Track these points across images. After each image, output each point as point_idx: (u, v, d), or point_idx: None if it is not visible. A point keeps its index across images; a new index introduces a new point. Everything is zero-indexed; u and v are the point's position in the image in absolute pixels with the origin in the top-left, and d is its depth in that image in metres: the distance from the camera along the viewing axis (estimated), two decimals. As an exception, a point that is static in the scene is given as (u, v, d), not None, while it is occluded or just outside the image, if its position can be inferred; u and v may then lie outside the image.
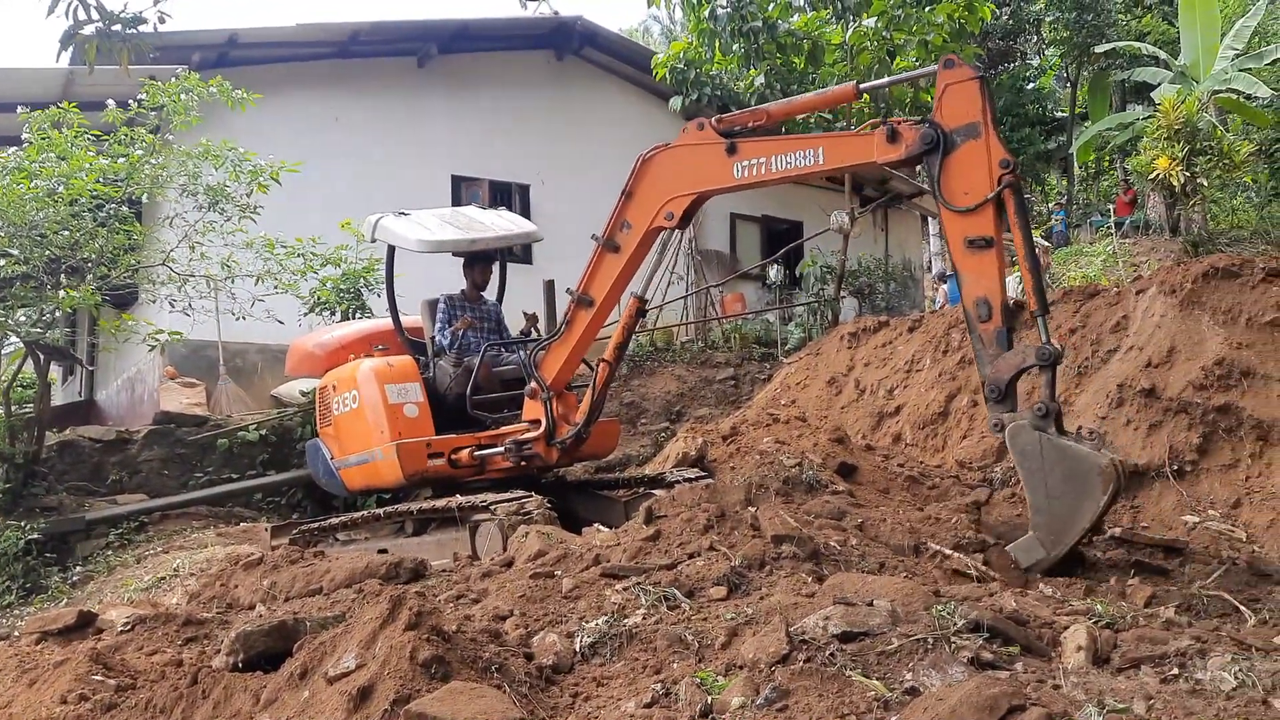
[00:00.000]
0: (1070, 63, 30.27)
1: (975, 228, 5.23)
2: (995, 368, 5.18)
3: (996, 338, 5.20)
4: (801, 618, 3.22)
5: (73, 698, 3.43)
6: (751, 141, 6.21)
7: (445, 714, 2.58)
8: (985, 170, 5.22)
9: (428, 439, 7.58)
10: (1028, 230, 5.27)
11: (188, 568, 8.30)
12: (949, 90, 5.33)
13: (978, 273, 5.26)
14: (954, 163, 5.32)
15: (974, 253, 5.24)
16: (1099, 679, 2.84)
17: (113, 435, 11.80)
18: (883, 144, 5.55)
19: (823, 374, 11.18)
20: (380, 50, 15.76)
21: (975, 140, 5.25)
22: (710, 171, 6.33)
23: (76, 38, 5.34)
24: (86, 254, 10.21)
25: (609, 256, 6.89)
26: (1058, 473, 4.89)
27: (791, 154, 6.00)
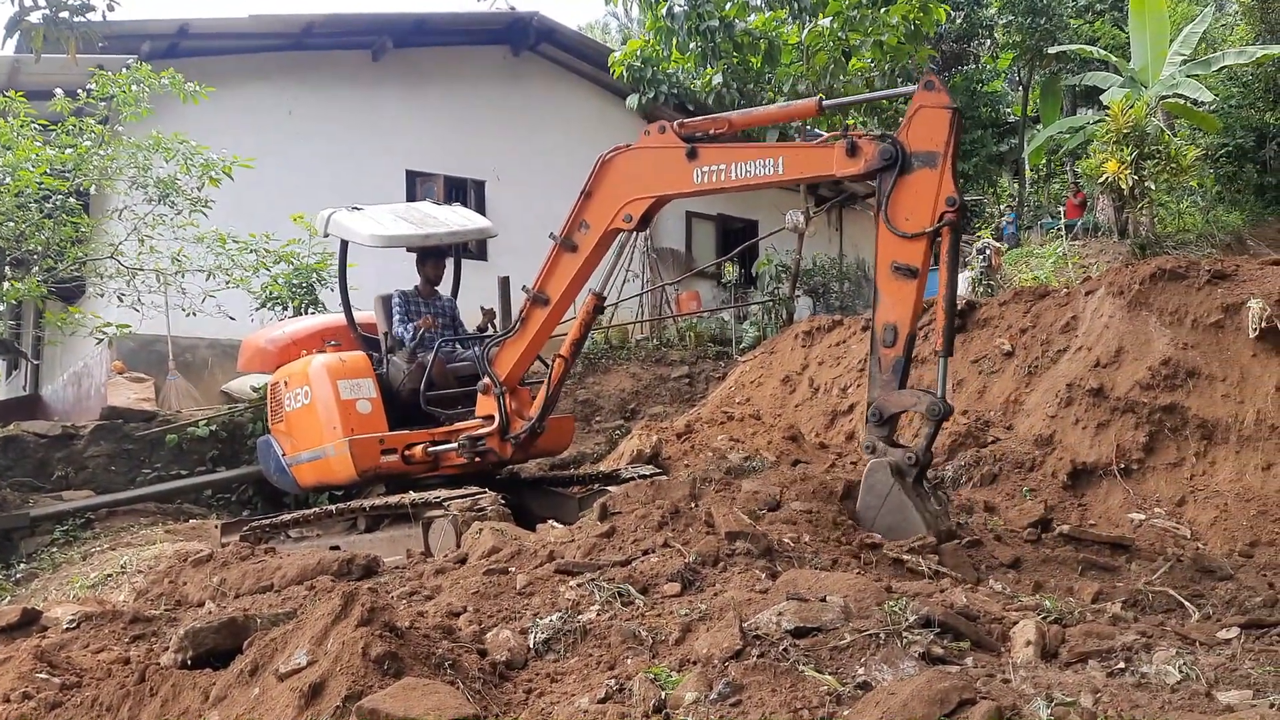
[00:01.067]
0: (1022, 66, 30.68)
1: (906, 254, 5.30)
2: (884, 397, 5.30)
3: (894, 366, 5.31)
4: (755, 614, 3.24)
5: (16, 696, 3.36)
6: (712, 148, 6.24)
7: (398, 710, 2.57)
8: (931, 202, 5.25)
9: (381, 435, 7.52)
10: (954, 272, 5.32)
11: (135, 565, 8.15)
12: (921, 113, 5.36)
13: (895, 299, 5.35)
14: (905, 186, 5.35)
15: (897, 279, 5.31)
16: (1047, 673, 2.89)
17: (58, 430, 11.56)
18: (842, 158, 5.58)
19: (777, 372, 11.24)
20: (335, 43, 15.61)
21: (931, 170, 5.28)
22: (670, 176, 6.35)
23: (22, 25, 5.23)
24: (32, 246, 10.01)
25: (566, 256, 6.88)
26: (888, 520, 5.14)
27: (751, 163, 6.04)
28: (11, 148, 9.81)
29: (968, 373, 8.87)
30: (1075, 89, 28.45)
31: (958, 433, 8.01)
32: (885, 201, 5.37)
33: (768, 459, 7.64)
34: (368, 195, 14.20)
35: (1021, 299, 9.30)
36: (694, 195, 6.61)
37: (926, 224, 5.22)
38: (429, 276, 8.40)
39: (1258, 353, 7.28)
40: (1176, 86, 21.60)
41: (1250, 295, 7.47)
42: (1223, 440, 7.07)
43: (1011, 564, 5.20)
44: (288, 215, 12.06)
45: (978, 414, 8.31)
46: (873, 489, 5.21)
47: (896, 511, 5.12)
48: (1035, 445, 7.64)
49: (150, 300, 11.24)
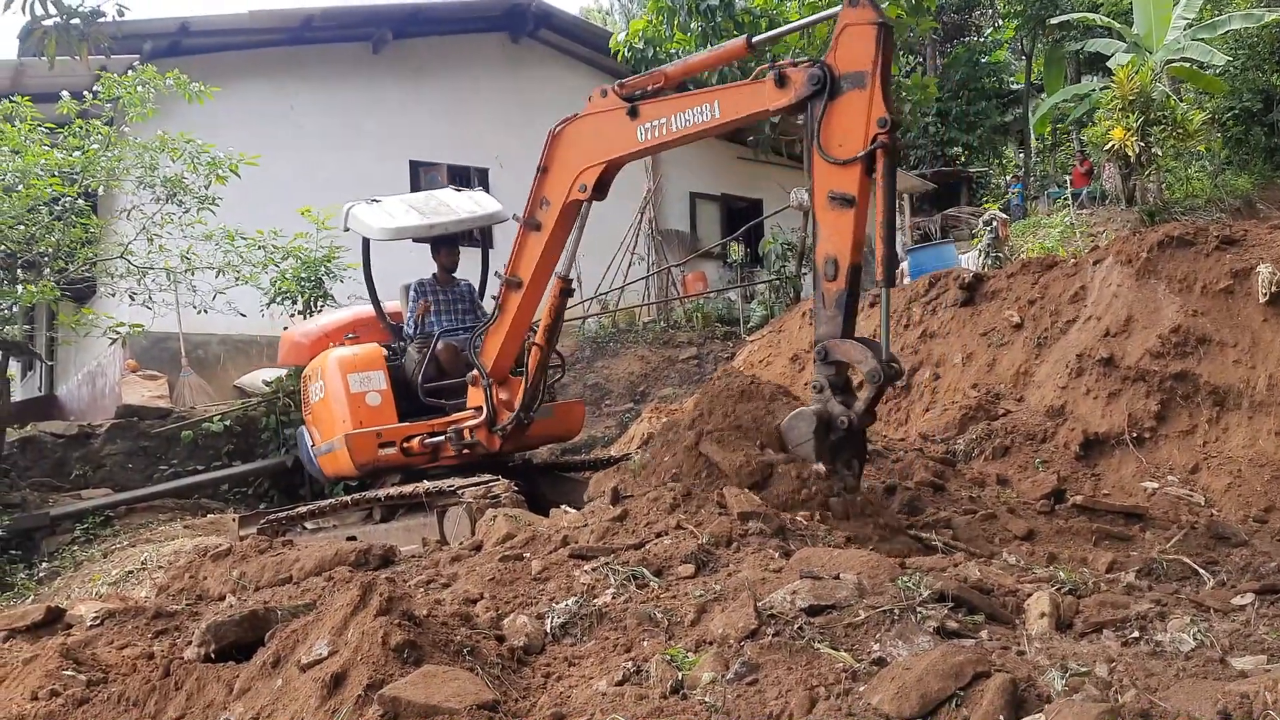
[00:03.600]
0: (1025, 35, 30.46)
1: (841, 182, 5.04)
2: (831, 341, 5.04)
3: (837, 301, 5.07)
4: (769, 593, 3.26)
5: (44, 694, 3.41)
6: (652, 103, 6.08)
7: (419, 698, 2.60)
8: (863, 125, 4.98)
9: (378, 429, 7.59)
10: (892, 198, 5.07)
11: (155, 561, 8.24)
12: (847, 31, 5.10)
13: (833, 229, 5.11)
14: (835, 110, 5.08)
15: (834, 209, 5.07)
16: (1062, 644, 2.90)
17: (75, 430, 11.66)
18: (772, 90, 5.36)
19: (786, 351, 11.25)
20: (334, 36, 15.60)
21: (860, 90, 5.00)
22: (616, 138, 6.24)
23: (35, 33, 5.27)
24: (43, 248, 10.06)
25: (532, 235, 6.83)
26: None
27: (689, 111, 5.86)
28: (20, 152, 9.84)
29: (977, 345, 8.87)
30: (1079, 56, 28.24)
31: (968, 406, 8.02)
32: (817, 129, 5.12)
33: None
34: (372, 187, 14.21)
35: (1029, 270, 9.28)
36: (642, 154, 6.44)
37: (859, 148, 4.95)
38: (443, 264, 8.41)
39: (1268, 318, 7.26)
40: (1182, 50, 21.42)
41: (1260, 260, 7.45)
42: (1235, 406, 7.07)
43: (1025, 536, 5.22)
44: (293, 209, 12.09)
45: (988, 387, 8.31)
46: (790, 435, 4.98)
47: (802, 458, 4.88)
48: (1046, 416, 7.64)
49: (161, 298, 11.29)
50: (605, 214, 16.86)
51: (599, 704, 2.71)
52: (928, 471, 6.48)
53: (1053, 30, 27.77)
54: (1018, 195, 27.77)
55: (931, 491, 6.00)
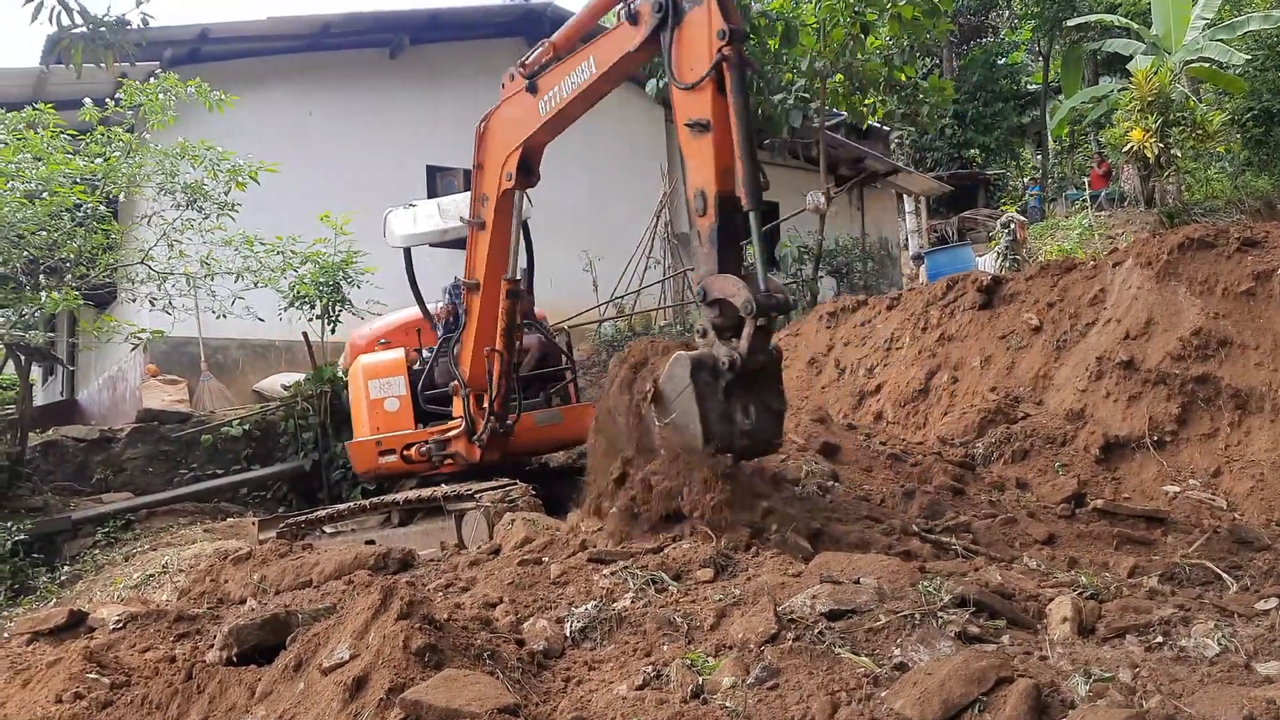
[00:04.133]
0: (1042, 36, 30.35)
1: (695, 108, 4.75)
2: (708, 279, 4.71)
3: (711, 236, 4.76)
4: (789, 597, 3.26)
5: (68, 696, 3.43)
6: (546, 75, 6.04)
7: (440, 702, 2.60)
8: (707, 42, 4.67)
9: (379, 437, 7.64)
10: (745, 113, 4.66)
11: (176, 564, 8.28)
12: None
13: (697, 160, 4.79)
14: (682, 35, 4.84)
15: (694, 138, 4.75)
16: (1085, 649, 2.89)
17: (96, 434, 11.75)
18: (628, 30, 5.19)
19: (802, 354, 11.22)
20: (352, 42, 15.67)
21: (700, 8, 4.73)
22: (524, 118, 6.23)
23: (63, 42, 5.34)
24: (65, 254, 10.14)
25: (479, 235, 6.78)
26: (677, 423, 4.55)
27: (573, 73, 5.79)
28: (43, 160, 9.93)
29: (995, 348, 8.83)
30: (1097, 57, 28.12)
31: (987, 409, 7.98)
32: (669, 61, 4.92)
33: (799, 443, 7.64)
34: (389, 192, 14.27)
35: (1048, 272, 9.23)
36: (548, 127, 6.25)
37: (705, 67, 4.68)
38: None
39: (1290, 320, 7.20)
40: (1201, 51, 21.29)
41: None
42: (1257, 409, 7.01)
43: (1046, 540, 5.20)
44: (311, 215, 12.15)
45: (1007, 390, 8.27)
46: (670, 384, 4.59)
47: (684, 415, 4.49)
48: (1066, 420, 7.59)
49: (181, 303, 11.36)
50: (621, 217, 16.98)
51: (619, 708, 2.71)
52: (947, 475, 6.45)
53: (1070, 31, 27.65)
54: (1035, 197, 27.68)
55: (951, 495, 5.98)
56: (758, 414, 4.57)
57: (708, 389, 4.48)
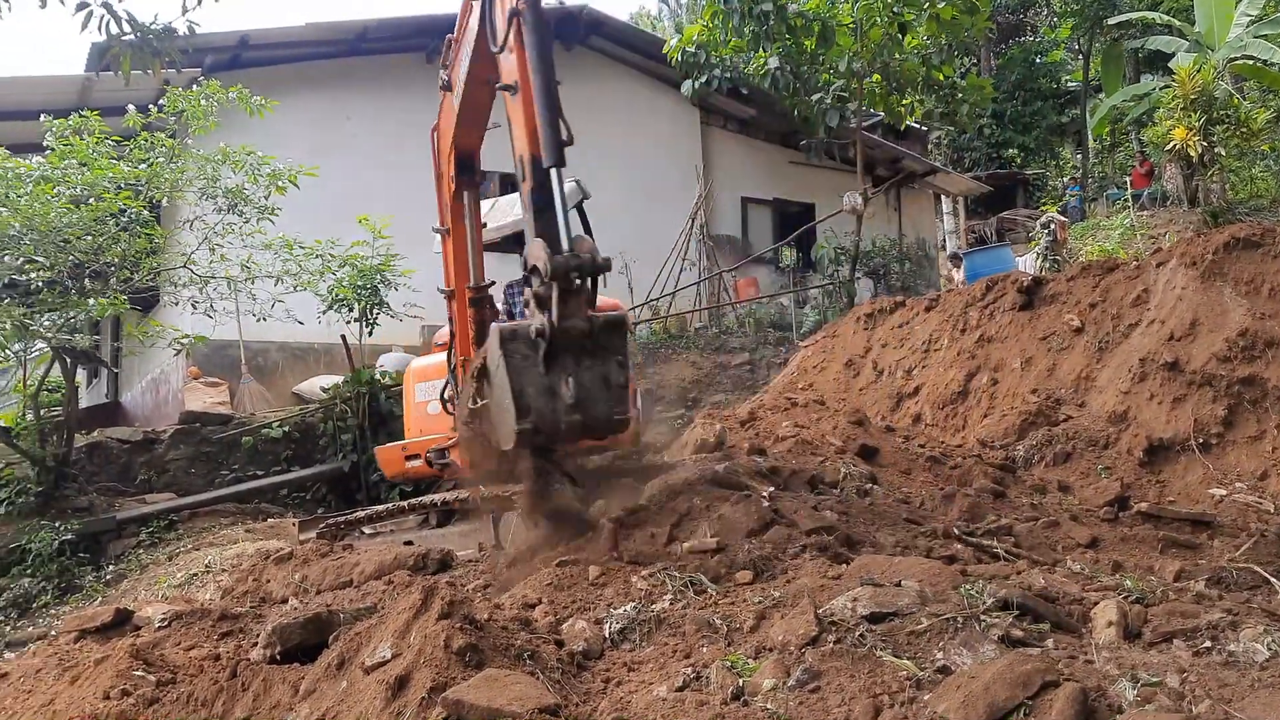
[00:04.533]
0: (1082, 35, 30.02)
1: (503, 72, 4.60)
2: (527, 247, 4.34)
3: (528, 200, 4.45)
4: (829, 600, 3.24)
5: (115, 693, 3.48)
6: (450, 70, 5.99)
7: (481, 701, 2.62)
8: (506, 4, 4.49)
9: (404, 442, 7.69)
10: (542, 67, 4.43)
11: (219, 564, 8.39)
12: None
13: (512, 125, 4.60)
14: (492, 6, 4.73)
15: (509, 102, 4.57)
16: (1131, 653, 2.85)
17: (140, 436, 11.93)
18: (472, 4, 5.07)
19: (839, 356, 11.17)
20: (389, 47, 15.79)
21: None
22: (448, 117, 6.21)
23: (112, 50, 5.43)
24: (109, 258, 10.30)
25: (447, 241, 6.75)
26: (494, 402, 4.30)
27: (460, 61, 5.69)
28: (89, 165, 10.10)
29: (1036, 350, 8.74)
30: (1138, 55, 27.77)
31: (1028, 412, 7.91)
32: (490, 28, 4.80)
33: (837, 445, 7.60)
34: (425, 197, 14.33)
35: (1089, 273, 9.13)
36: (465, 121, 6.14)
37: (505, 26, 4.52)
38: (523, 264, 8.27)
39: (1340, 320, 7.07)
40: (1245, 48, 20.97)
41: (1330, 261, 7.27)
42: (1305, 411, 6.90)
43: (1089, 544, 5.13)
44: (349, 218, 12.25)
45: (1048, 392, 8.19)
46: (490, 361, 4.30)
47: (499, 391, 4.18)
48: (1109, 422, 7.51)
49: (222, 307, 11.50)
50: (656, 219, 16.98)
51: (659, 709, 2.71)
52: (987, 478, 6.40)
53: (1111, 29, 27.33)
54: (1076, 197, 27.37)
55: (991, 498, 5.92)
56: (590, 388, 4.13)
57: (524, 362, 4.11)
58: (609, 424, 4.23)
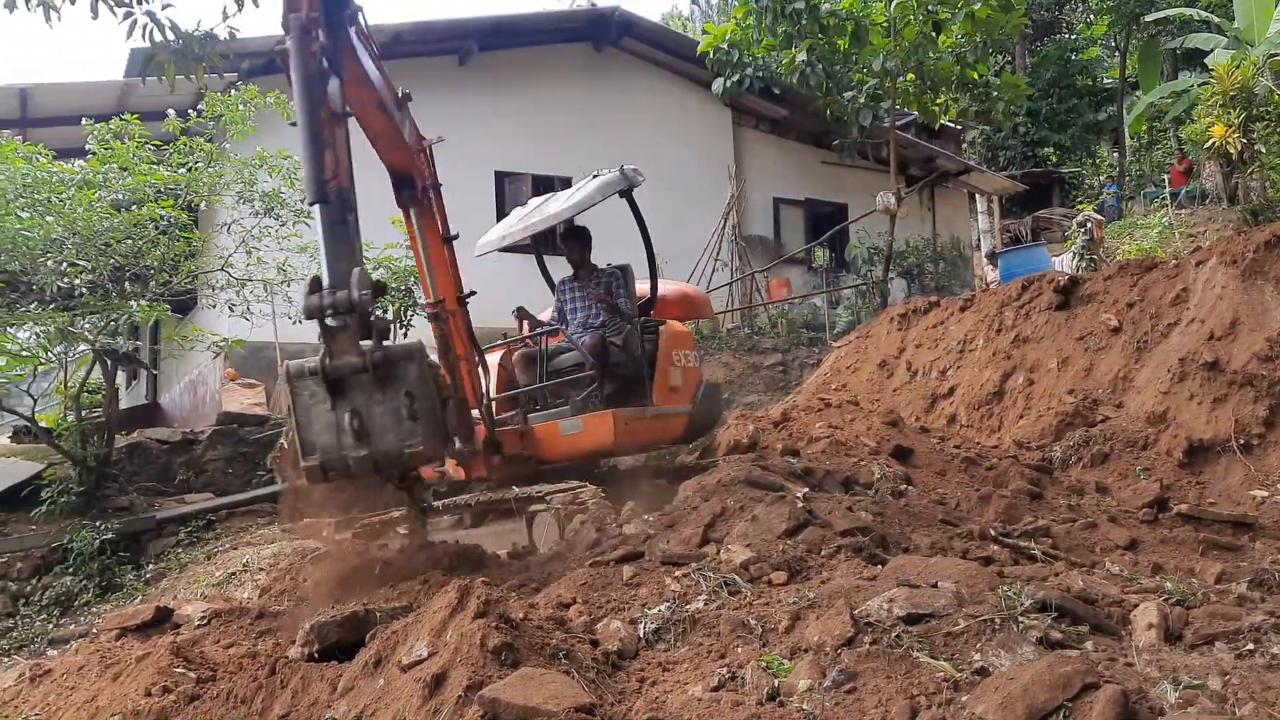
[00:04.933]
0: (1119, 31, 29.68)
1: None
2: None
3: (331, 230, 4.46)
4: (864, 601, 3.23)
5: (157, 690, 3.53)
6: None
7: (518, 699, 2.63)
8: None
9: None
10: (302, 100, 4.47)
11: (256, 563, 8.48)
12: None
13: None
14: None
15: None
16: (1172, 656, 2.82)
17: (179, 436, 12.09)
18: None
19: (873, 357, 11.11)
20: (422, 50, 15.88)
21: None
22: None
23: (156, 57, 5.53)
24: (149, 262, 10.45)
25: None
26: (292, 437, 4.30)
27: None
28: (130, 170, 10.24)
29: (1073, 350, 8.66)
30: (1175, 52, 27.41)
31: (1065, 412, 7.84)
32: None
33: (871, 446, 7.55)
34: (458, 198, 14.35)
35: (1127, 272, 9.04)
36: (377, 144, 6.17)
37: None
38: (570, 261, 8.13)
39: (1385, 319, 6.95)
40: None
41: (1375, 259, 7.14)
42: (1350, 412, 6.79)
43: (1128, 545, 5.09)
44: (384, 220, 12.32)
45: (1085, 392, 8.11)
46: (288, 389, 4.31)
47: (292, 427, 4.24)
48: (1147, 423, 7.43)
49: (258, 309, 11.62)
50: (688, 220, 16.98)
51: (695, 709, 2.71)
52: (1023, 479, 6.35)
53: (1148, 26, 27.00)
54: (1113, 196, 27.07)
55: (1028, 499, 5.88)
56: (379, 423, 4.17)
57: (311, 399, 4.19)
58: (399, 459, 4.23)
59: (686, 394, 7.89)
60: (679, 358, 7.90)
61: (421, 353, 4.29)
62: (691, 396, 7.91)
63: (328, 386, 4.16)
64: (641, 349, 7.60)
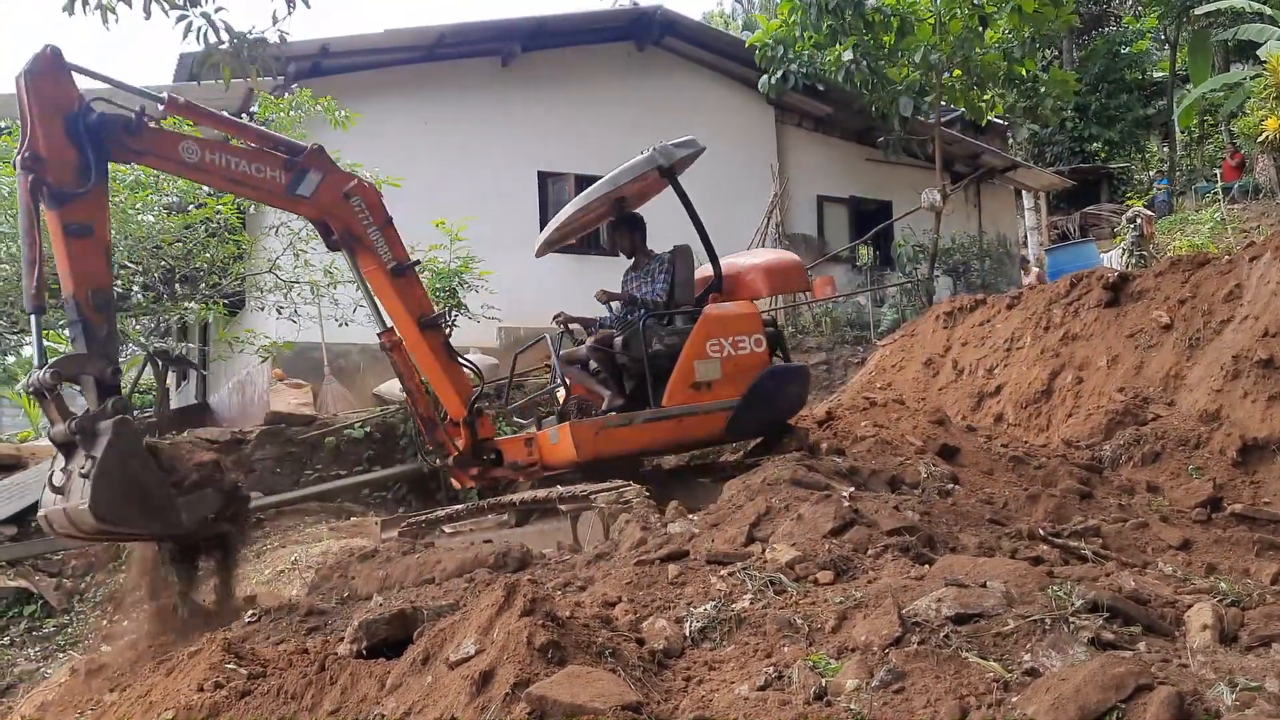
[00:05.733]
0: (1169, 24, 29.17)
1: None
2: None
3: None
4: (911, 600, 3.20)
5: (209, 685, 3.58)
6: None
7: (565, 697, 2.64)
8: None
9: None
10: (24, 219, 5.21)
11: (305, 561, 8.58)
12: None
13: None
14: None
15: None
16: (1228, 657, 2.77)
17: (228, 436, 12.24)
18: None
19: (918, 355, 11.03)
20: (465, 51, 15.99)
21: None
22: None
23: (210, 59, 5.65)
24: (199, 264, 10.61)
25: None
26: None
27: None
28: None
29: (1123, 348, 8.54)
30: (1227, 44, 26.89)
31: (1115, 411, 7.73)
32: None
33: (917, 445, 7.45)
34: (501, 198, 14.54)
35: (1179, 268, 8.89)
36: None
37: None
38: (622, 251, 7.98)
39: None
40: (1342, 34, 20.21)
41: None
42: None
43: (1180, 545, 5.01)
44: (427, 222, 12.42)
45: (1135, 390, 7.99)
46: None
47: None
48: (1200, 421, 7.30)
49: (305, 311, 11.75)
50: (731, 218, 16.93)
51: (742, 708, 2.71)
52: (1072, 478, 6.27)
53: (1198, 18, 26.51)
54: (1163, 191, 26.62)
55: (1077, 499, 5.80)
56: (90, 478, 4.73)
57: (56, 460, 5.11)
58: (79, 515, 4.77)
59: (732, 386, 7.12)
60: (719, 346, 7.13)
61: (115, 422, 4.90)
62: (742, 388, 7.11)
63: (59, 449, 5.01)
64: (647, 344, 7.10)
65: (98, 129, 5.45)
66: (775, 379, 7.22)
